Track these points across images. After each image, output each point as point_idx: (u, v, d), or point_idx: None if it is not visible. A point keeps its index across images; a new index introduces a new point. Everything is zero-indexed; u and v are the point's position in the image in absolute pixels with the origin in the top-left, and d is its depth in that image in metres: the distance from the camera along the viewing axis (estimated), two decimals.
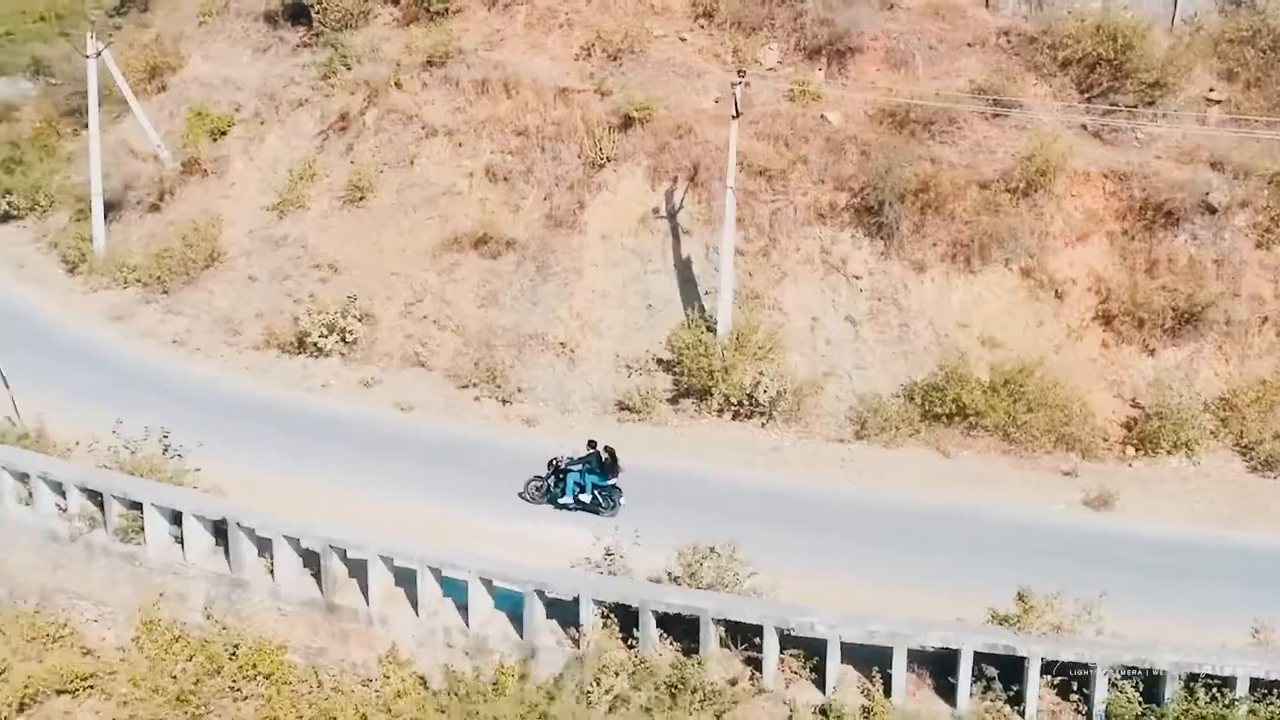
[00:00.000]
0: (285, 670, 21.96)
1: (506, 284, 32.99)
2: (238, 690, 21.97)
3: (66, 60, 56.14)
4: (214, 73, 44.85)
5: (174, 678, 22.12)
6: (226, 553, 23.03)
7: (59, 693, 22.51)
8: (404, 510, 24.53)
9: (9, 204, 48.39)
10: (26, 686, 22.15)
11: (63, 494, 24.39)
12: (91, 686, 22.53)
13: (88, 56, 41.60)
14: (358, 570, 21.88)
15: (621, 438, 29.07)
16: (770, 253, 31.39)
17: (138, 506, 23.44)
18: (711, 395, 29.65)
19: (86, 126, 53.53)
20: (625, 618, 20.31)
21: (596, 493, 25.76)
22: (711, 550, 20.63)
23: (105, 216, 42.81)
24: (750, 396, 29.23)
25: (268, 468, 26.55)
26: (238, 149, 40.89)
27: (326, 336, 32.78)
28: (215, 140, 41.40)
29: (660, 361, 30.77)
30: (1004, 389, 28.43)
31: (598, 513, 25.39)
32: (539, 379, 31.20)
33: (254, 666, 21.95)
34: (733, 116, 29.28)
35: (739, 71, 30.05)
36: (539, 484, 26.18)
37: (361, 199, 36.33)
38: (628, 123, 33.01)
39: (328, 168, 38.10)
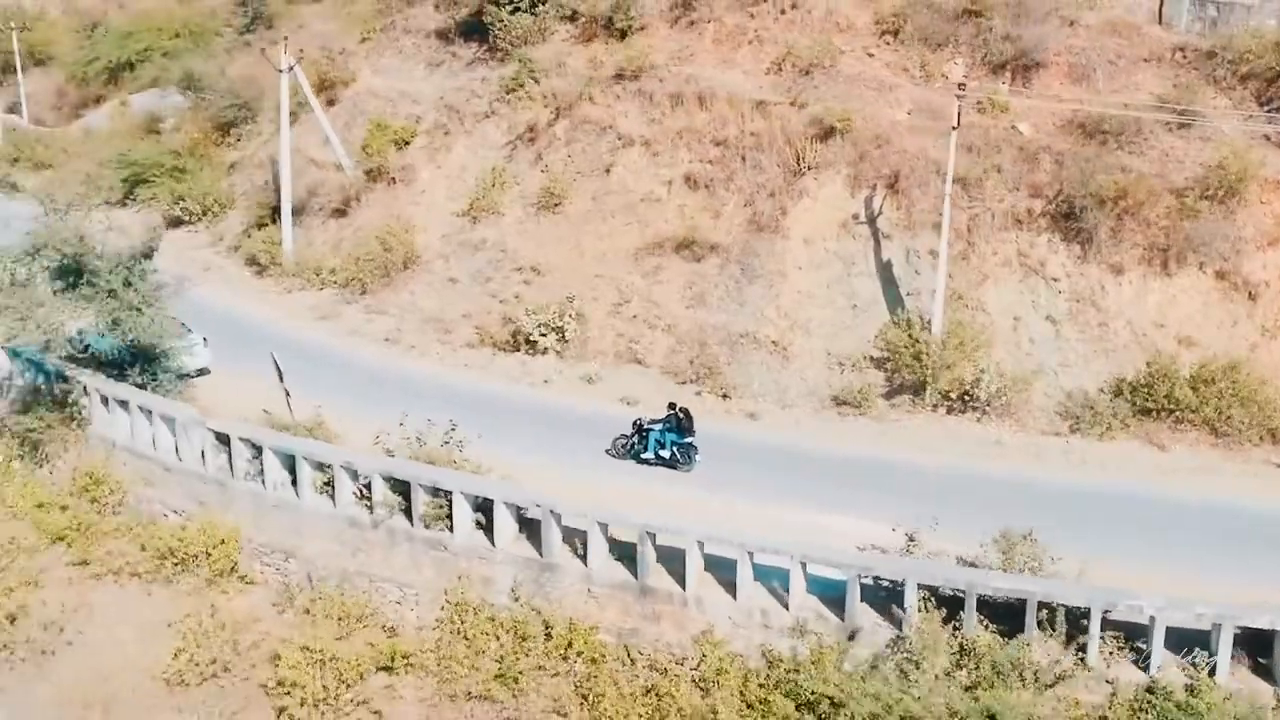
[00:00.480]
0: (598, 649, 21.89)
1: (712, 285, 32.95)
2: (551, 669, 21.93)
3: (220, 74, 56.53)
4: (387, 86, 44.98)
5: (494, 657, 22.09)
6: (529, 538, 23.05)
7: (380, 669, 22.52)
8: (683, 500, 24.44)
9: (182, 209, 48.58)
10: (356, 664, 22.16)
11: (359, 482, 24.43)
12: (411, 664, 22.51)
13: (280, 70, 41.58)
14: (664, 555, 21.85)
15: (844, 431, 29.28)
16: (970, 256, 31.30)
17: (440, 494, 23.43)
18: (925, 391, 29.60)
19: (241, 138, 54.25)
20: (938, 601, 20.24)
21: (675, 449, 26.91)
22: (1025, 537, 20.55)
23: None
24: (967, 392, 29.14)
25: (528, 458, 26.48)
26: (423, 158, 40.93)
27: (545, 335, 32.76)
28: (400, 150, 41.40)
29: (871, 359, 30.67)
30: (1210, 385, 28.31)
31: (675, 467, 26.82)
32: (754, 375, 31.15)
33: (569, 645, 21.90)
34: (953, 128, 29.23)
35: (959, 85, 30.02)
36: (625, 442, 27.45)
37: (557, 205, 36.31)
38: (827, 133, 32.94)
39: (518, 176, 38.11)
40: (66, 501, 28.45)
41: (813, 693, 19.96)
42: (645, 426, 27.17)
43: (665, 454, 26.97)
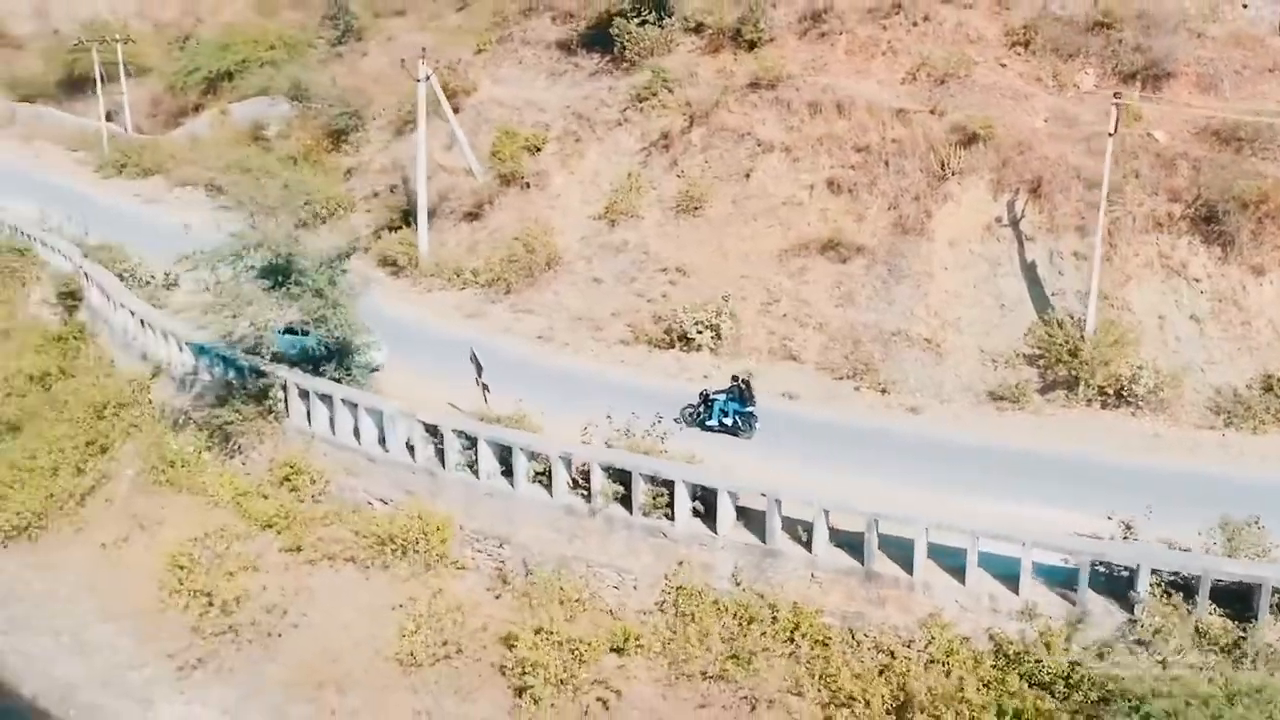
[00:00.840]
0: (823, 631, 21.92)
1: (859, 285, 32.92)
2: (778, 650, 21.94)
3: (331, 84, 56.61)
4: (511, 95, 45.00)
5: (723, 638, 22.14)
6: (746, 526, 23.11)
7: (611, 650, 22.56)
8: (877, 490, 24.32)
9: (308, 211, 48.55)
10: (590, 645, 22.21)
11: (573, 472, 24.51)
12: (640, 645, 22.55)
13: (418, 80, 41.57)
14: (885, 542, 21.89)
15: (1003, 425, 29.18)
16: (1112, 258, 31.20)
17: (657, 484, 23.48)
18: (1078, 386, 29.57)
19: (354, 145, 54.30)
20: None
21: (736, 417, 27.91)
22: (1250, 524, 20.55)
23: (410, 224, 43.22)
24: (1122, 387, 29.12)
25: (718, 450, 26.52)
26: (555, 164, 40.96)
27: (702, 332, 32.77)
28: (532, 156, 41.42)
29: (1023, 355, 30.65)
30: None
31: (736, 434, 27.74)
32: (909, 371, 31.11)
33: (796, 627, 21.93)
34: (1109, 134, 29.21)
35: (1115, 94, 29.85)
36: (692, 411, 28.43)
37: (697, 209, 36.32)
38: (969, 140, 32.91)
39: (653, 181, 38.14)
40: (267, 490, 28.60)
41: (1049, 673, 20.01)
42: (710, 396, 28.18)
43: (728, 421, 27.97)
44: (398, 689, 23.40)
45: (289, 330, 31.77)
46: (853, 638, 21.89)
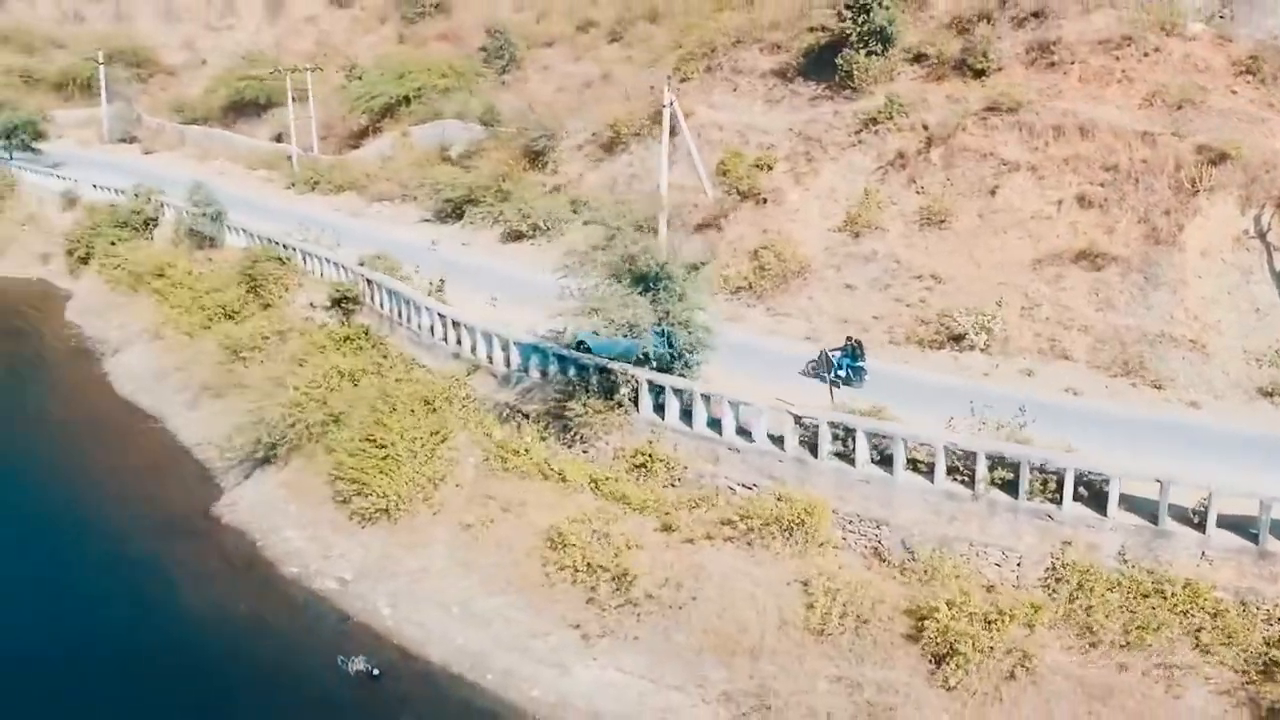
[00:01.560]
0: (1214, 604, 22.05)
1: (1116, 292, 33.00)
2: (1172, 622, 22.07)
3: (530, 110, 56.85)
4: (729, 119, 45.22)
5: (1121, 610, 22.29)
6: (1132, 511, 23.29)
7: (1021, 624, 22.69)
8: (1213, 475, 24.21)
9: (529, 225, 48.84)
10: (1002, 615, 22.36)
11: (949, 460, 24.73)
12: (1043, 616, 22.67)
13: (664, 106, 41.67)
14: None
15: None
16: None
17: (1039, 470, 23.67)
18: None
19: (549, 164, 54.48)
20: None
21: (849, 370, 30.59)
22: None
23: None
24: None
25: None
26: (788, 181, 41.13)
27: (980, 333, 32.92)
28: (764, 173, 41.59)
29: None
30: None
31: (849, 384, 30.22)
32: (1177, 370, 31.16)
33: (1191, 601, 22.07)
34: None
35: None
36: (813, 365, 31.07)
37: (943, 222, 36.47)
38: (1216, 159, 32.99)
39: (892, 196, 38.29)
40: (619, 476, 28.79)
41: None
42: (828, 354, 30.47)
43: (841, 374, 30.31)
44: (811, 656, 23.57)
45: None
46: (1245, 610, 22.04)
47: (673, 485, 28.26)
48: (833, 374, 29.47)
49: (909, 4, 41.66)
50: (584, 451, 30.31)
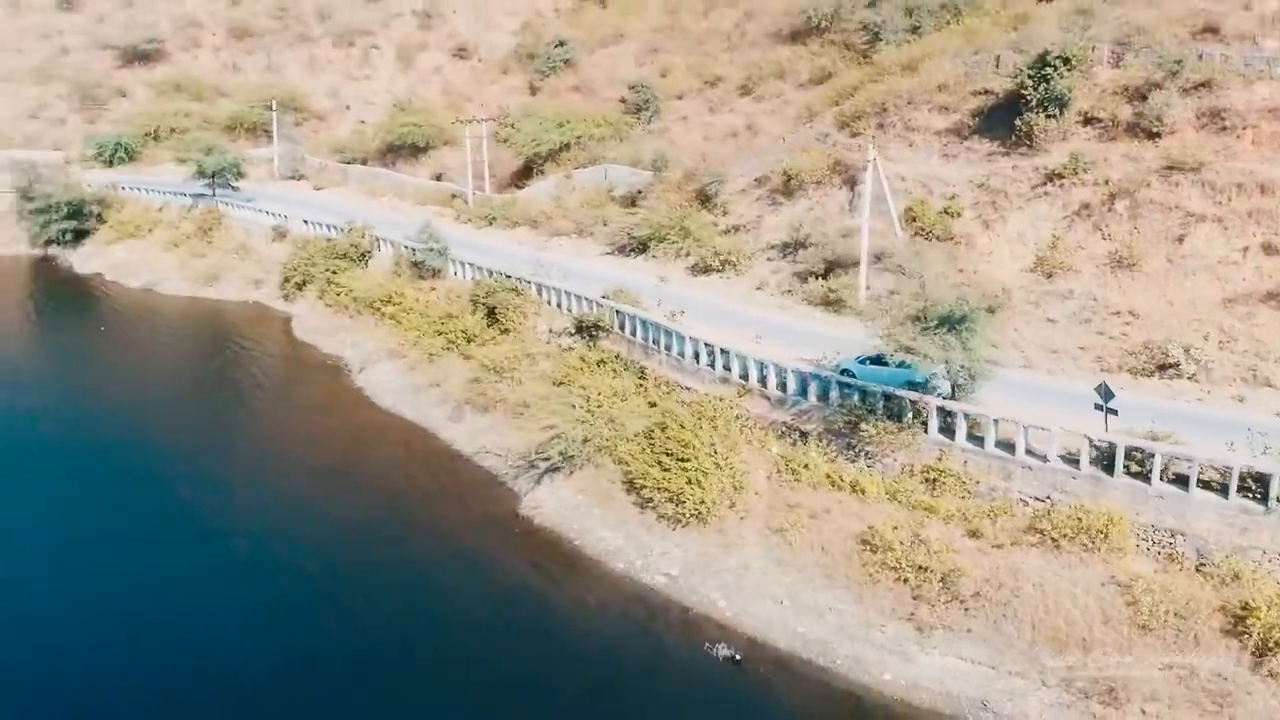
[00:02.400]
0: None
1: None
2: None
3: (703, 158, 57.85)
4: (909, 171, 46.15)
5: None
6: None
7: None
8: None
9: (719, 260, 49.78)
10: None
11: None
12: None
13: (869, 161, 42.70)
14: None
15: None
16: None
17: None
18: None
19: (718, 206, 55.40)
20: None
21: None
22: None
23: (831, 272, 44.52)
24: None
25: None
26: (977, 227, 42.18)
27: (1193, 362, 33.87)
28: (953, 219, 42.62)
29: None
30: None
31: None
32: None
33: None
34: None
35: None
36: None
37: (1133, 265, 37.45)
38: None
39: (1079, 242, 39.28)
40: (915, 489, 29.80)
41: None
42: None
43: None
44: (1138, 647, 24.56)
45: (875, 361, 33.25)
46: None
47: (965, 498, 29.26)
48: (1108, 404, 29.69)
49: (1079, 73, 42.60)
50: (868, 466, 31.35)
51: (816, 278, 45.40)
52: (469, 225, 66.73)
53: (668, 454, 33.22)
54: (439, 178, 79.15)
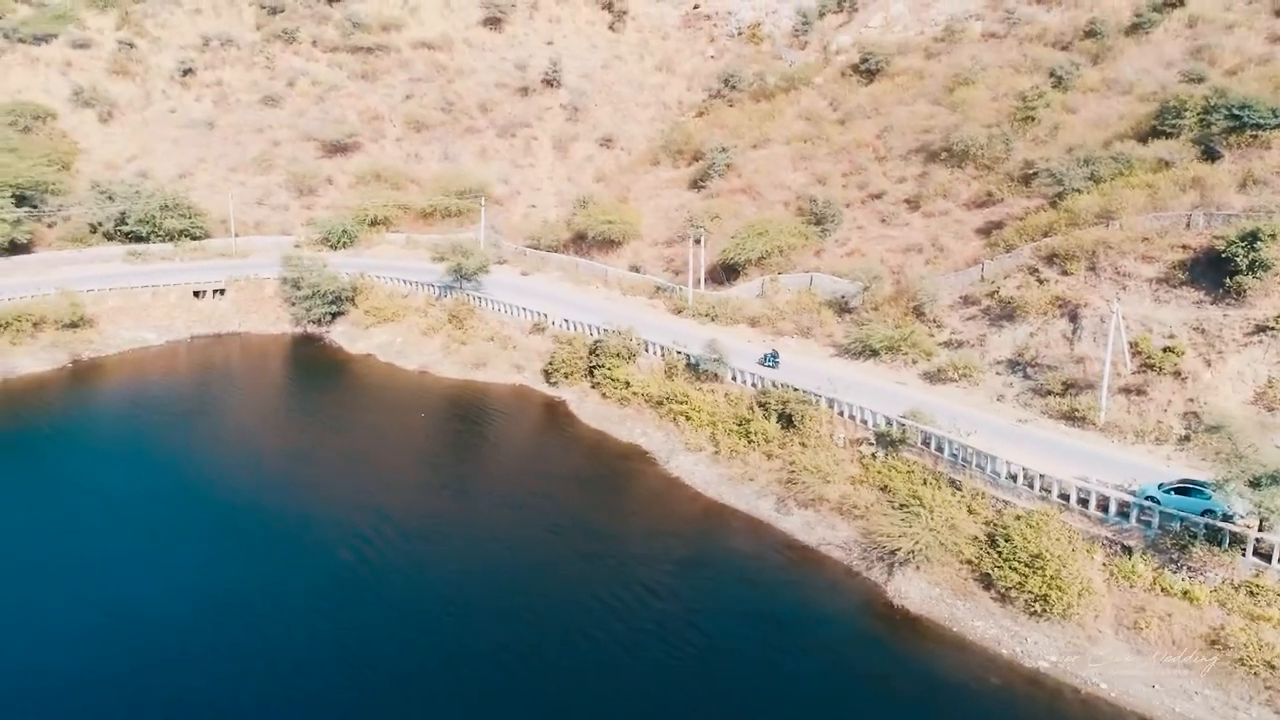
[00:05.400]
0: None
1: None
2: None
3: (922, 277, 64.31)
4: (1127, 311, 52.77)
5: None
6: None
7: None
8: None
9: (956, 371, 56.40)
10: None
11: None
12: None
13: (1112, 312, 49.41)
14: None
15: None
16: None
17: None
18: None
19: (928, 318, 61.93)
20: None
21: None
22: None
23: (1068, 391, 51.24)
24: None
25: None
26: (1199, 364, 48.91)
27: None
28: (1177, 356, 49.41)
29: None
30: None
31: None
32: None
33: None
34: None
35: None
36: None
37: None
38: None
39: None
40: (1240, 600, 36.45)
41: None
42: None
43: None
44: None
45: (1178, 490, 39.97)
46: None
47: None
48: None
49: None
50: (1188, 578, 38.03)
51: (1055, 395, 52.12)
52: (691, 319, 73.06)
53: (1015, 558, 39.90)
54: (636, 269, 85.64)
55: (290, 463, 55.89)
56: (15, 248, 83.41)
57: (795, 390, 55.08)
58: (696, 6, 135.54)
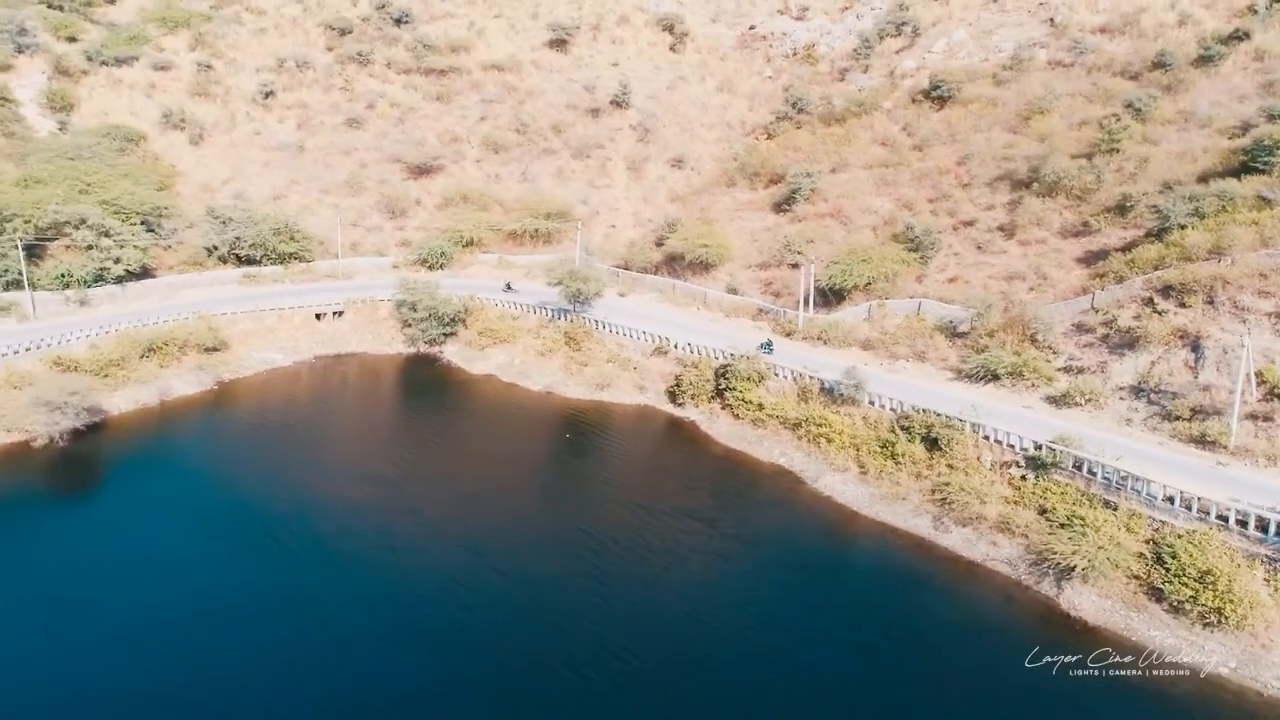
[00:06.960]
0: None
1: None
2: None
3: (1041, 305, 68.67)
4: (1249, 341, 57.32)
5: None
6: None
7: None
8: None
9: (1082, 396, 60.76)
10: None
11: None
12: None
13: (1241, 345, 53.85)
14: None
15: None
16: None
17: None
18: None
19: (1046, 347, 66.29)
20: None
21: None
22: None
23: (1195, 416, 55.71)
24: None
25: None
26: None
27: None
28: None
29: None
30: None
31: None
32: None
33: None
34: None
35: None
36: None
37: None
38: None
39: None
40: None
41: None
42: None
43: None
44: None
45: None
46: None
47: None
48: None
49: None
50: None
51: (1183, 420, 56.46)
52: (804, 343, 77.05)
53: (1185, 574, 44.26)
54: (734, 291, 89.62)
55: (466, 471, 59.88)
56: (143, 272, 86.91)
57: (939, 415, 59.17)
58: (752, 28, 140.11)
